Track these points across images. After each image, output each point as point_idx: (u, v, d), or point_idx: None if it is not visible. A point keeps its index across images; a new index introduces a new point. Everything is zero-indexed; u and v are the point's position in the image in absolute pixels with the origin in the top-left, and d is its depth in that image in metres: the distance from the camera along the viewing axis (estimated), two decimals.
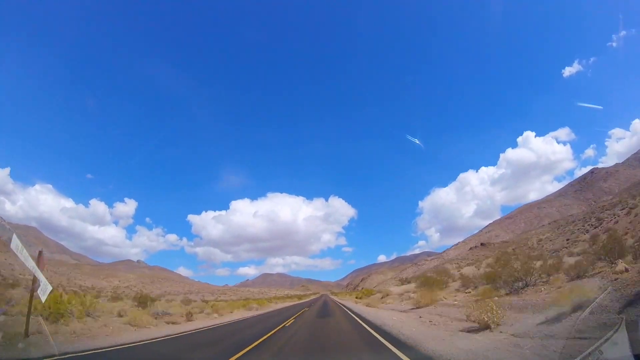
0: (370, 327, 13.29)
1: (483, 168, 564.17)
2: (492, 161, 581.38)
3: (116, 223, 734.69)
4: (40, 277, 8.42)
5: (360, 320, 16.96)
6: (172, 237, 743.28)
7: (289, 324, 16.72)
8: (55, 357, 7.83)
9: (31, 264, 8.21)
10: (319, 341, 10.76)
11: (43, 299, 8.50)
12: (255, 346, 9.60)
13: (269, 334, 12.30)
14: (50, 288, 8.55)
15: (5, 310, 11.31)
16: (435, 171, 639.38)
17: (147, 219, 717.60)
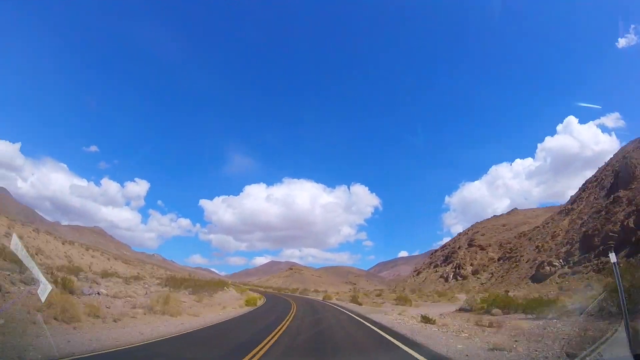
0: None
1: (518, 160, 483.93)
2: (529, 152, 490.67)
3: (128, 204, 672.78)
4: (40, 277, 7.97)
5: None
6: (185, 222, 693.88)
7: None
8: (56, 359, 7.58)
9: (31, 263, 7.75)
10: None
11: (43, 299, 8.07)
12: None
13: None
14: (50, 288, 8.13)
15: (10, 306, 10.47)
16: (465, 164, 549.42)
17: (159, 202, 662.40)
